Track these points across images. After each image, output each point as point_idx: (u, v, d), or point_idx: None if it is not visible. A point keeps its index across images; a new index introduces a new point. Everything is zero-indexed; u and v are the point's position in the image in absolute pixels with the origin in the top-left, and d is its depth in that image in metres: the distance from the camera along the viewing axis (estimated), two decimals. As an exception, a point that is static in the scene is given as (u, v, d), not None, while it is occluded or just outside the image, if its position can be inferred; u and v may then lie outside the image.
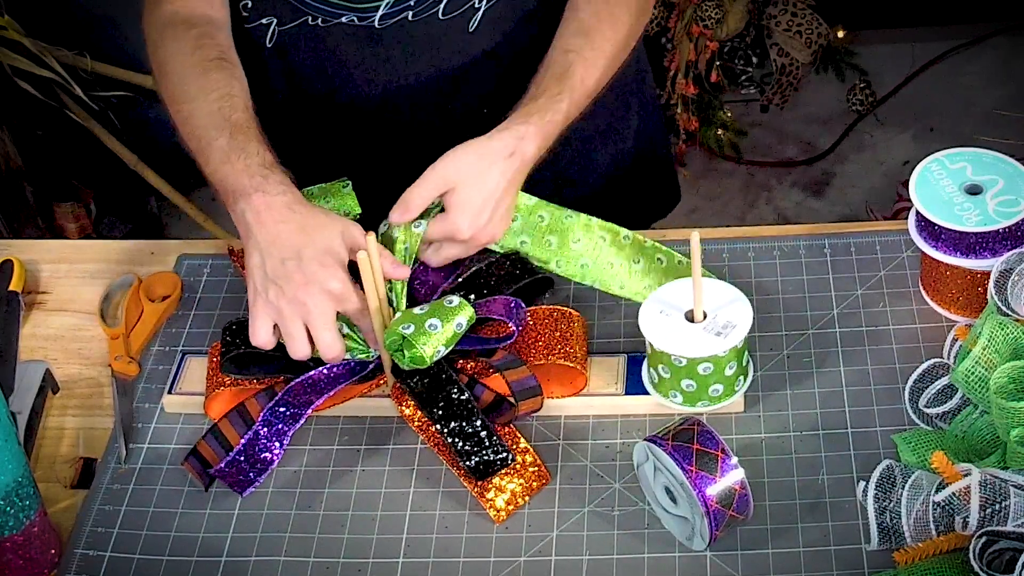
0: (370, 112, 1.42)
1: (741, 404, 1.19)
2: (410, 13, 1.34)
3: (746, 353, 1.18)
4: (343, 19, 1.34)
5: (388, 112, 1.42)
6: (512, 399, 1.17)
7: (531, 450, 1.16)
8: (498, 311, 1.20)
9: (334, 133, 1.46)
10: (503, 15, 1.36)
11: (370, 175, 1.37)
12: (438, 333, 1.15)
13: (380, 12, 1.33)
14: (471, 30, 1.36)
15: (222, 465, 1.17)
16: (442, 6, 1.33)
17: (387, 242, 1.24)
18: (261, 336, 1.16)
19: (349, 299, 1.16)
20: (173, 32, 1.32)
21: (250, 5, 1.36)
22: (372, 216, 1.32)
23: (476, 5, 1.34)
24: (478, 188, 1.22)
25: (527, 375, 1.18)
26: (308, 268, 1.14)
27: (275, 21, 1.37)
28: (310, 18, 1.35)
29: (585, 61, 1.29)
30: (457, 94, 1.40)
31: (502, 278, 1.27)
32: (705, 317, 1.17)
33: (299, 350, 1.16)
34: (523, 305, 1.22)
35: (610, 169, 1.55)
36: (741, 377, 1.18)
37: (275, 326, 1.17)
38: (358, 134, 1.45)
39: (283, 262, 1.15)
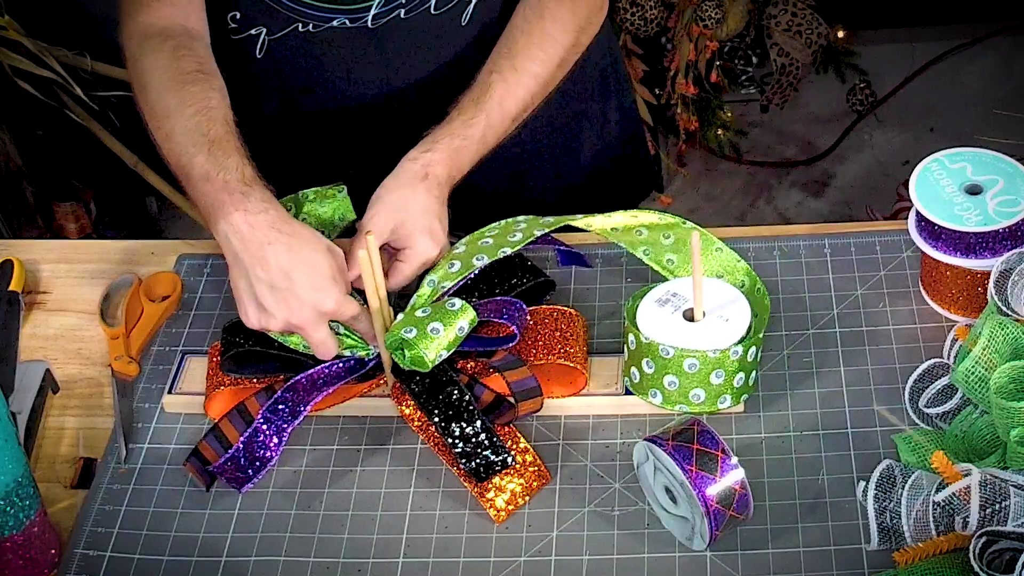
0: (367, 112, 1.42)
1: (741, 404, 1.19)
2: (402, 11, 1.34)
3: (743, 377, 1.17)
4: (334, 23, 1.34)
5: (385, 110, 1.42)
6: (512, 399, 1.17)
7: (531, 450, 1.16)
8: (500, 313, 1.20)
9: (330, 138, 1.46)
10: (494, 6, 1.37)
11: (368, 176, 1.36)
12: (440, 337, 1.15)
13: (372, 12, 1.33)
14: (464, 23, 1.36)
15: (221, 462, 1.17)
16: (433, 2, 1.33)
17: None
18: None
19: (342, 314, 1.16)
20: (150, 44, 1.30)
21: (239, 16, 1.36)
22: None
23: None
24: (419, 214, 1.23)
25: (527, 376, 1.18)
26: (299, 291, 1.14)
27: (265, 31, 1.36)
28: (300, 24, 1.35)
29: (506, 83, 1.30)
30: (453, 87, 1.40)
31: (504, 279, 1.27)
32: (705, 316, 1.17)
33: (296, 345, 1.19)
34: (524, 307, 1.22)
35: (592, 159, 1.56)
36: (727, 395, 1.17)
37: None
38: (355, 136, 1.45)
39: (273, 287, 1.14)
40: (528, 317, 1.23)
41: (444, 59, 1.38)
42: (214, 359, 1.25)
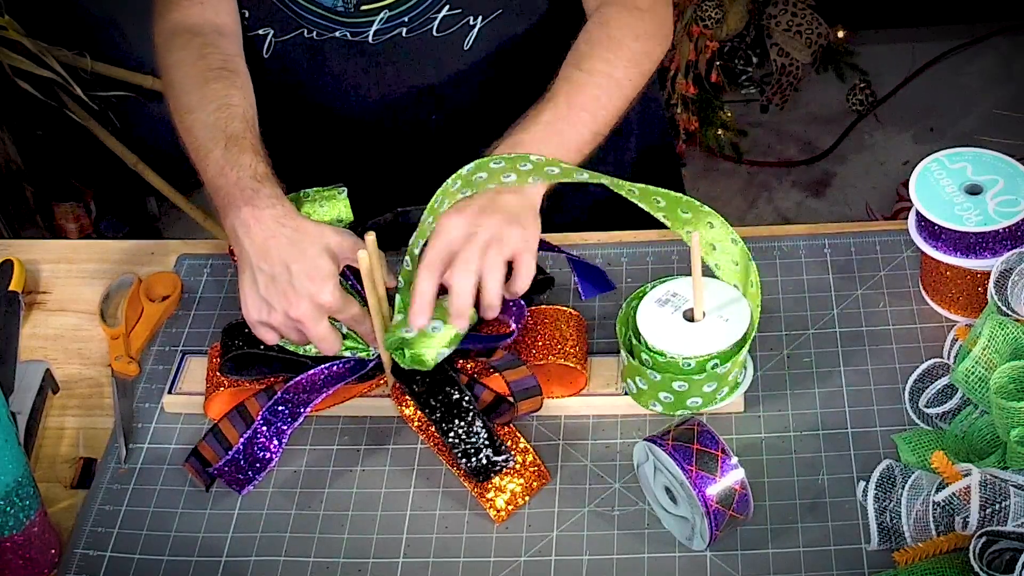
0: (363, 124, 1.42)
1: (741, 404, 1.19)
2: (404, 30, 1.33)
3: (725, 382, 1.17)
4: (337, 33, 1.34)
5: (381, 125, 1.42)
6: (512, 399, 1.17)
7: (531, 450, 1.16)
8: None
9: (329, 142, 1.46)
10: (499, 34, 1.36)
11: (364, 183, 1.36)
12: (440, 334, 1.15)
13: (374, 28, 1.33)
14: (466, 47, 1.35)
15: (221, 464, 1.17)
16: (436, 23, 1.33)
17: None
18: (269, 342, 1.20)
19: (340, 310, 1.17)
20: (178, 41, 1.33)
21: (248, 15, 1.36)
22: (364, 222, 1.32)
23: (471, 23, 1.34)
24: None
25: (527, 375, 1.18)
26: (298, 283, 1.15)
27: (272, 32, 1.37)
28: (306, 31, 1.35)
29: (571, 82, 1.25)
30: (451, 109, 1.40)
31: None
32: (704, 316, 1.17)
33: (297, 349, 1.19)
34: (524, 305, 1.22)
35: (612, 172, 1.54)
36: (727, 389, 1.18)
37: None
38: (351, 144, 1.45)
39: (273, 279, 1.16)
40: (527, 315, 1.23)
41: (444, 81, 1.38)
42: (214, 359, 1.25)
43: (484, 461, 1.13)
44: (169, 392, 1.27)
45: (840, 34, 2.87)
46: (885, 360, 1.22)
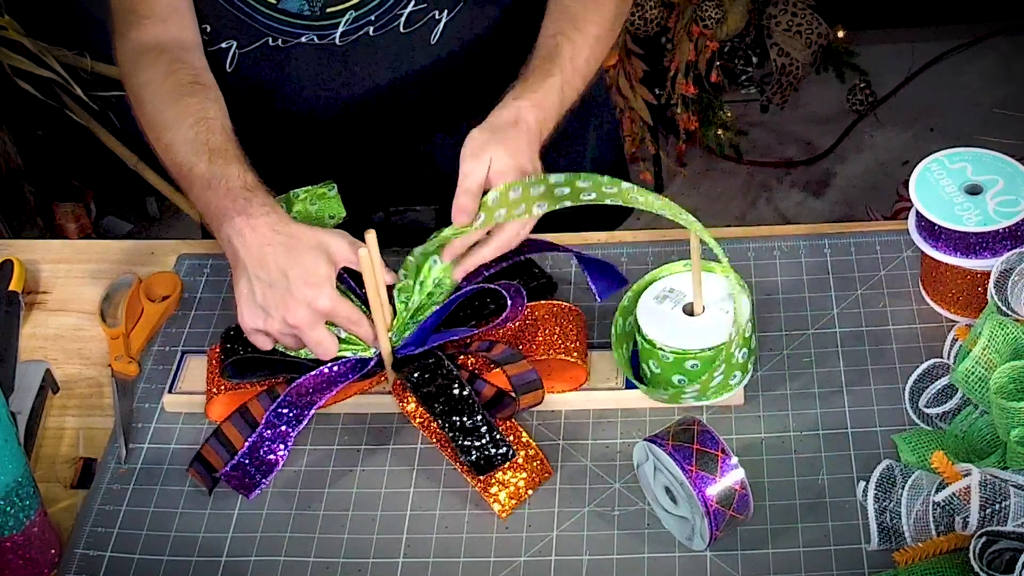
0: (334, 127, 1.42)
1: (741, 401, 1.19)
2: (371, 28, 1.33)
3: (720, 371, 1.16)
4: (303, 39, 1.34)
5: (352, 126, 1.42)
6: (512, 393, 1.17)
7: (533, 444, 1.16)
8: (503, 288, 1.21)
9: (301, 148, 1.46)
10: (465, 26, 1.36)
11: (340, 184, 1.36)
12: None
13: (340, 29, 1.33)
14: (433, 42, 1.35)
15: (227, 469, 1.17)
16: (402, 20, 1.33)
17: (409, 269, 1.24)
18: (264, 348, 1.19)
19: (337, 313, 1.16)
20: (144, 60, 1.31)
21: (209, 29, 1.35)
22: (351, 223, 1.32)
23: (437, 16, 1.33)
24: (506, 158, 1.19)
25: (527, 369, 1.18)
26: (295, 289, 1.15)
27: (235, 44, 1.36)
28: (270, 39, 1.34)
29: (572, 42, 1.29)
30: (422, 104, 1.39)
31: (506, 278, 1.28)
32: (705, 310, 1.17)
33: (297, 353, 1.19)
34: (523, 291, 1.22)
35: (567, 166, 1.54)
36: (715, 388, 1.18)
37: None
38: (324, 148, 1.45)
39: (271, 286, 1.15)
40: (527, 310, 1.23)
41: (412, 76, 1.37)
42: (213, 361, 1.25)
43: (485, 454, 1.13)
44: (169, 392, 1.27)
45: (840, 34, 2.87)
46: (885, 360, 1.22)
